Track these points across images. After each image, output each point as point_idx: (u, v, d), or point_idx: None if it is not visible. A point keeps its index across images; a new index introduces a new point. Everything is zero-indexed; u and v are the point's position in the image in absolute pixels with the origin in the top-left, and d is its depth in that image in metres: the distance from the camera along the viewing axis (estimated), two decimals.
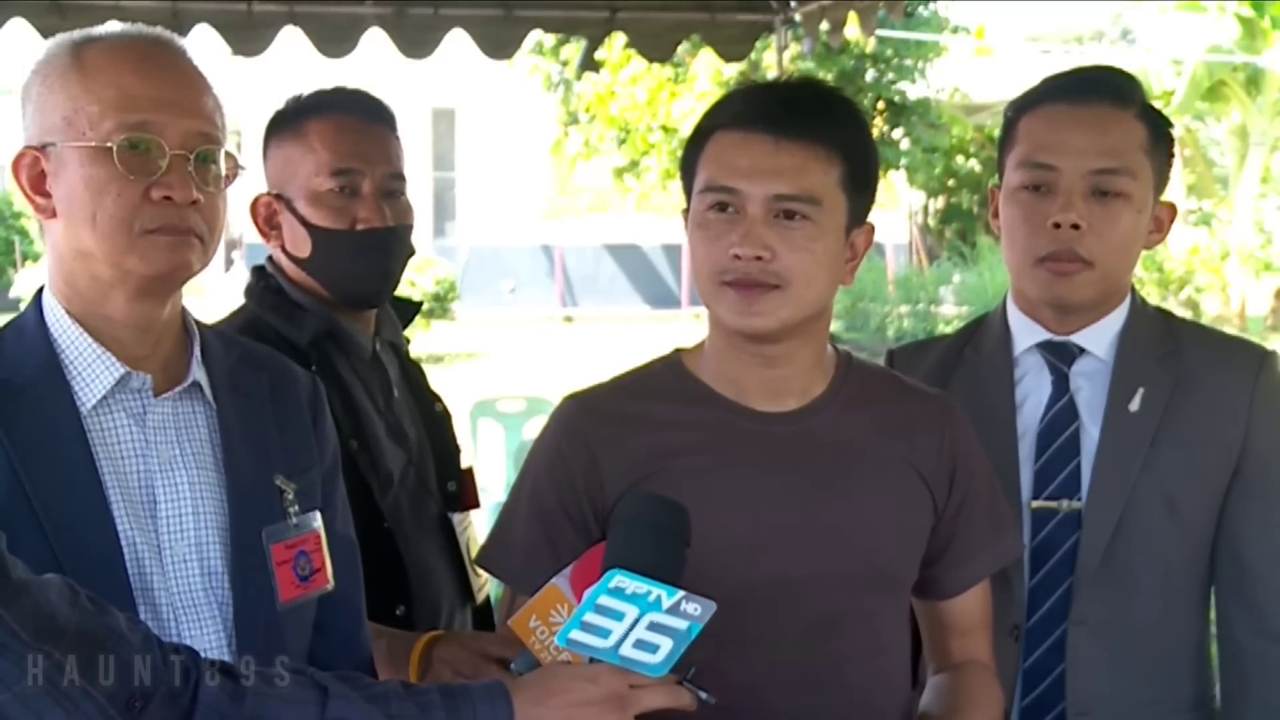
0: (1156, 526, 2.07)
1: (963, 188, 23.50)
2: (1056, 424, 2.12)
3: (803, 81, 1.87)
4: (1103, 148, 2.06)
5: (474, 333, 18.46)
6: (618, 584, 1.51)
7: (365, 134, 2.31)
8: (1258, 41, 18.96)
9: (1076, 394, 2.13)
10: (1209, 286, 19.52)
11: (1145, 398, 2.09)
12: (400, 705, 1.48)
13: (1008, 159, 2.14)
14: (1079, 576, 2.06)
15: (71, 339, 1.64)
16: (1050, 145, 2.07)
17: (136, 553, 1.60)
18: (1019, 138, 2.12)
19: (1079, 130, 2.07)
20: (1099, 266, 2.07)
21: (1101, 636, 2.06)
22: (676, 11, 5.18)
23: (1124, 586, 2.06)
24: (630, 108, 19.72)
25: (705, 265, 1.77)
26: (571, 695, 1.48)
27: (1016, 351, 2.17)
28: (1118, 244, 2.07)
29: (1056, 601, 2.08)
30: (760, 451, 1.81)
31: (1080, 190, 2.05)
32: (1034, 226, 2.07)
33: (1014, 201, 2.11)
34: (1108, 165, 2.05)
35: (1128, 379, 2.11)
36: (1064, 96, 2.10)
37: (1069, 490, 2.09)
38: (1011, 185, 2.12)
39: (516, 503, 1.89)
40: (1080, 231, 2.04)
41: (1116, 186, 2.05)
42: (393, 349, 2.44)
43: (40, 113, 1.62)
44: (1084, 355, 2.14)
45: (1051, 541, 2.09)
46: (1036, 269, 2.09)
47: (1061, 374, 2.14)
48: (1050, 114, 2.10)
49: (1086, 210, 2.04)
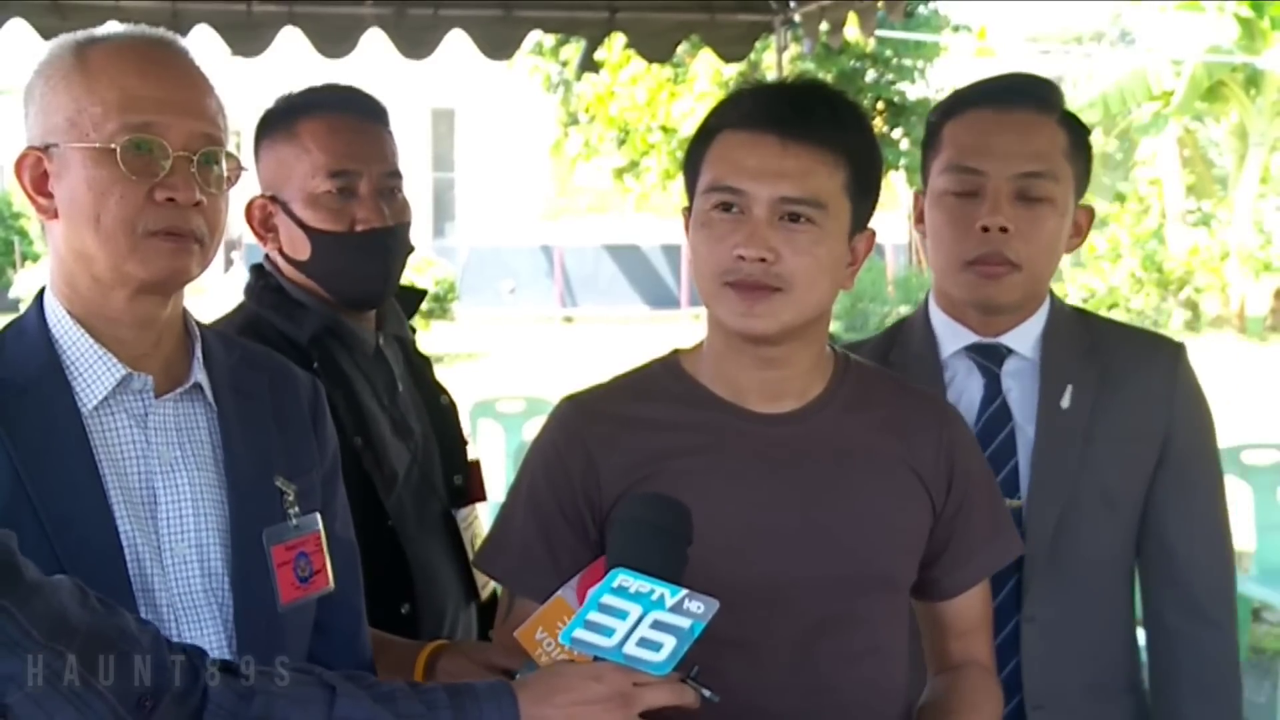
0: (1096, 521, 2.12)
1: None
2: (992, 425, 2.15)
3: (811, 84, 1.87)
4: (1028, 152, 2.09)
5: (473, 333, 18.46)
6: (621, 583, 1.52)
7: (360, 133, 2.28)
8: (1257, 42, 18.98)
9: (1007, 394, 2.17)
10: (1208, 287, 19.54)
11: (1075, 395, 2.13)
12: (407, 704, 1.48)
13: (933, 164, 2.17)
14: (1028, 574, 2.10)
15: (73, 340, 1.64)
16: (977, 149, 2.10)
17: (137, 553, 1.60)
18: (944, 143, 2.15)
19: (1005, 135, 2.10)
20: (1026, 269, 2.10)
21: (1051, 631, 2.11)
22: (676, 12, 5.19)
23: (1069, 581, 2.11)
24: (630, 108, 19.72)
25: (708, 265, 1.77)
26: (576, 694, 1.48)
27: (943, 355, 2.20)
28: (1043, 247, 2.11)
29: (1005, 598, 2.10)
30: (758, 453, 1.81)
31: (1007, 194, 2.08)
32: (961, 230, 2.10)
33: (940, 206, 2.14)
34: (1033, 169, 2.09)
35: (1056, 377, 2.15)
36: (989, 102, 2.13)
37: (1009, 490, 2.11)
38: (938, 189, 2.14)
39: (514, 504, 1.89)
40: (1008, 235, 2.08)
41: (1041, 191, 2.09)
42: (398, 342, 2.43)
43: (43, 113, 1.62)
44: (1011, 355, 2.18)
45: None
46: (964, 272, 2.12)
47: (993, 375, 2.17)
48: (976, 119, 2.13)
49: (1013, 213, 2.08)
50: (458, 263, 20.75)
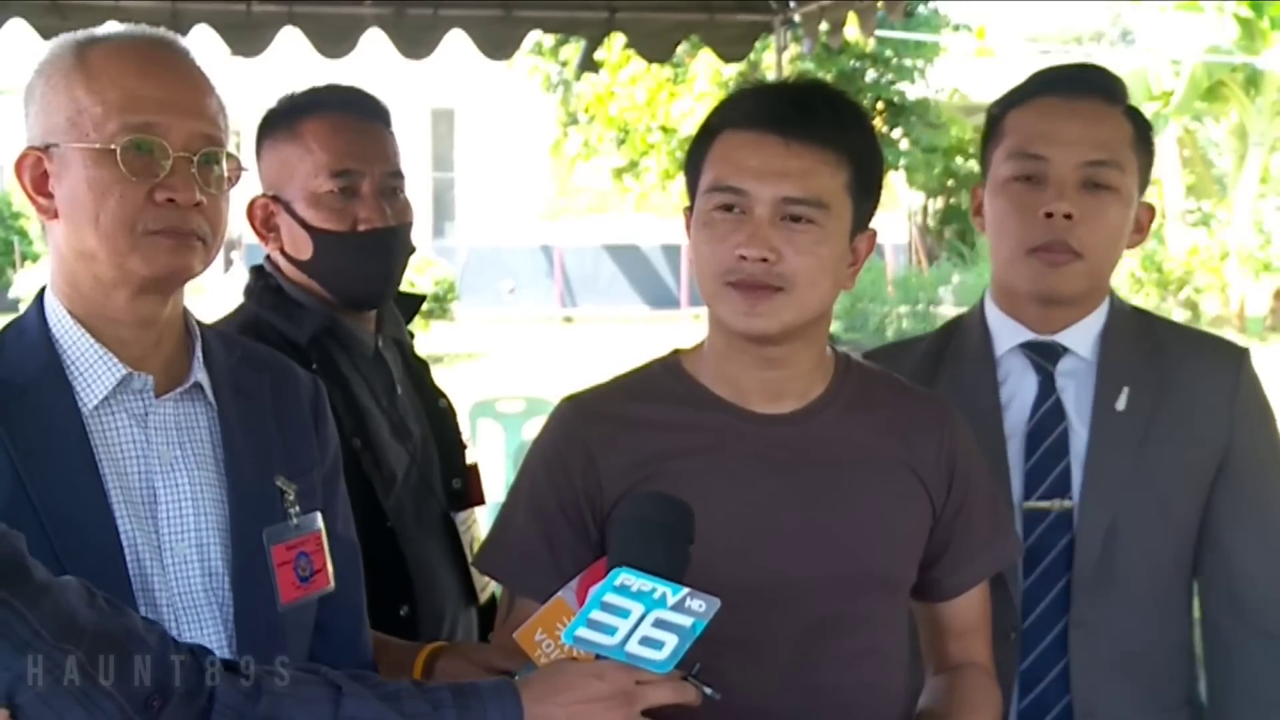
0: (1150, 527, 2.08)
1: (962, 188, 23.47)
2: (1044, 424, 2.12)
3: (813, 84, 1.87)
4: (1095, 140, 2.06)
5: (473, 333, 18.45)
6: (623, 581, 1.52)
7: (362, 133, 2.29)
8: (1256, 42, 18.98)
9: (1062, 393, 2.13)
10: (1208, 287, 19.53)
11: (1131, 397, 2.09)
12: (412, 703, 1.49)
13: (994, 154, 2.14)
14: (1076, 579, 2.06)
15: (73, 339, 1.64)
16: (1043, 136, 2.07)
17: (137, 553, 1.60)
18: (1007, 131, 2.12)
19: (1072, 121, 2.07)
20: (1089, 258, 2.07)
21: (1102, 637, 2.06)
22: (676, 12, 5.18)
23: (1121, 587, 2.07)
24: (629, 108, 19.72)
25: (709, 265, 1.77)
26: (578, 692, 1.49)
27: (998, 352, 2.17)
28: (1107, 237, 2.08)
29: (1052, 602, 2.08)
30: (758, 454, 1.81)
31: (1072, 181, 2.05)
32: (1026, 217, 2.07)
33: (1004, 193, 2.10)
34: (1100, 157, 2.06)
35: (1113, 378, 2.11)
36: (1056, 90, 2.11)
37: (1059, 490, 2.09)
38: (1001, 177, 2.11)
39: (514, 505, 1.89)
40: (1072, 222, 2.04)
41: (1107, 179, 2.06)
42: (396, 345, 2.43)
43: (44, 113, 1.62)
44: (1067, 354, 2.14)
45: (1045, 542, 2.09)
46: (1027, 260, 2.08)
47: (1047, 374, 2.14)
48: (1041, 106, 2.10)
49: (1079, 201, 2.05)
50: (457, 263, 20.74)
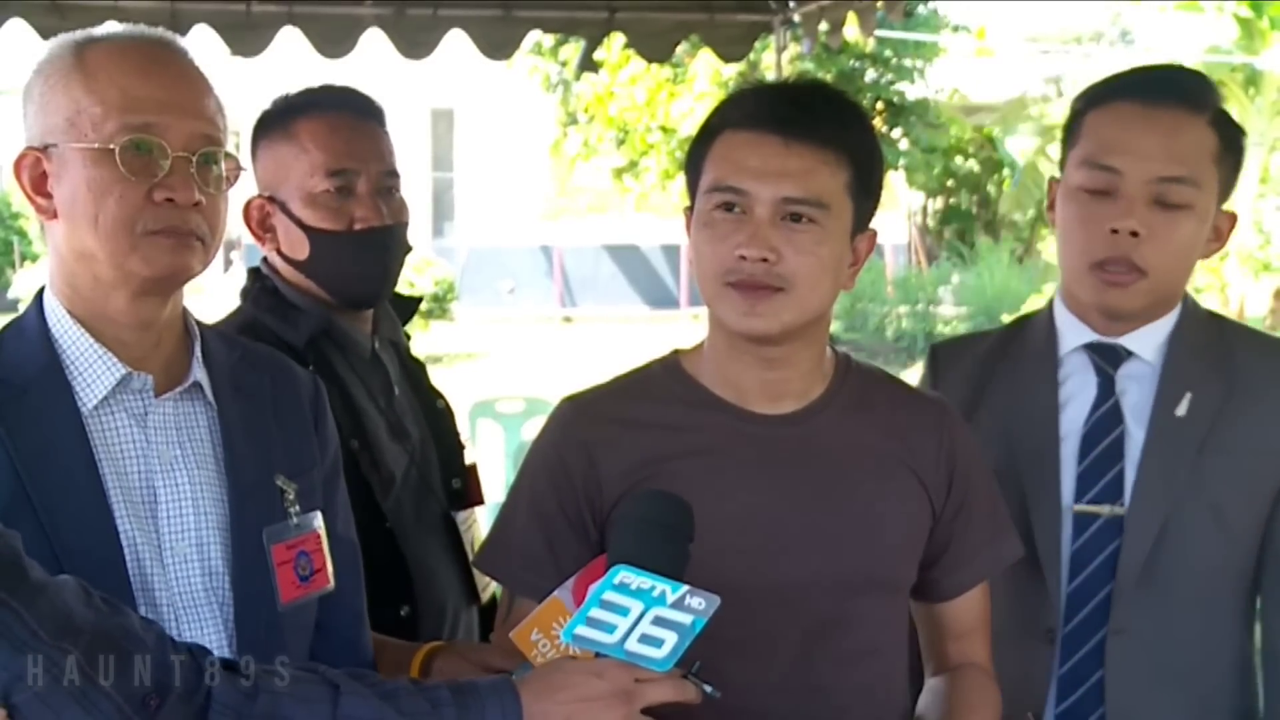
0: (1201, 535, 2.03)
1: (962, 188, 23.50)
2: (1101, 427, 2.08)
3: (813, 84, 1.87)
4: (1171, 154, 1.99)
5: (473, 333, 18.44)
6: (622, 580, 1.52)
7: (358, 132, 2.29)
8: (1256, 42, 18.97)
9: (1122, 397, 2.09)
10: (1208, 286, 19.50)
11: (1193, 402, 2.04)
12: (411, 702, 1.48)
13: (1071, 154, 2.08)
14: (1119, 584, 2.02)
15: (73, 339, 1.64)
16: (1116, 146, 2.01)
17: (137, 553, 1.60)
18: (1084, 133, 2.06)
19: (1148, 132, 2.00)
20: (1153, 276, 2.01)
21: (1142, 646, 2.02)
22: (675, 12, 5.18)
23: (1165, 596, 2.02)
24: (629, 108, 19.71)
25: (710, 265, 1.77)
26: (577, 690, 1.48)
27: (1062, 351, 2.13)
28: (1175, 254, 2.02)
29: (1095, 608, 2.04)
30: (758, 454, 1.81)
31: (1143, 197, 1.99)
32: (1091, 230, 2.02)
33: (1073, 201, 2.05)
34: (1174, 174, 1.99)
35: (1176, 383, 2.06)
36: (1136, 94, 2.03)
37: (1112, 495, 2.05)
38: (1072, 184, 2.06)
39: (514, 505, 1.89)
40: (1138, 239, 1.98)
41: (1180, 197, 1.99)
42: (393, 347, 2.43)
43: (42, 113, 1.62)
44: (1131, 358, 2.10)
45: (1092, 546, 2.05)
46: (1089, 274, 2.04)
47: (1107, 376, 2.10)
48: (1119, 112, 2.03)
49: (1147, 217, 1.98)
50: (457, 263, 20.73)
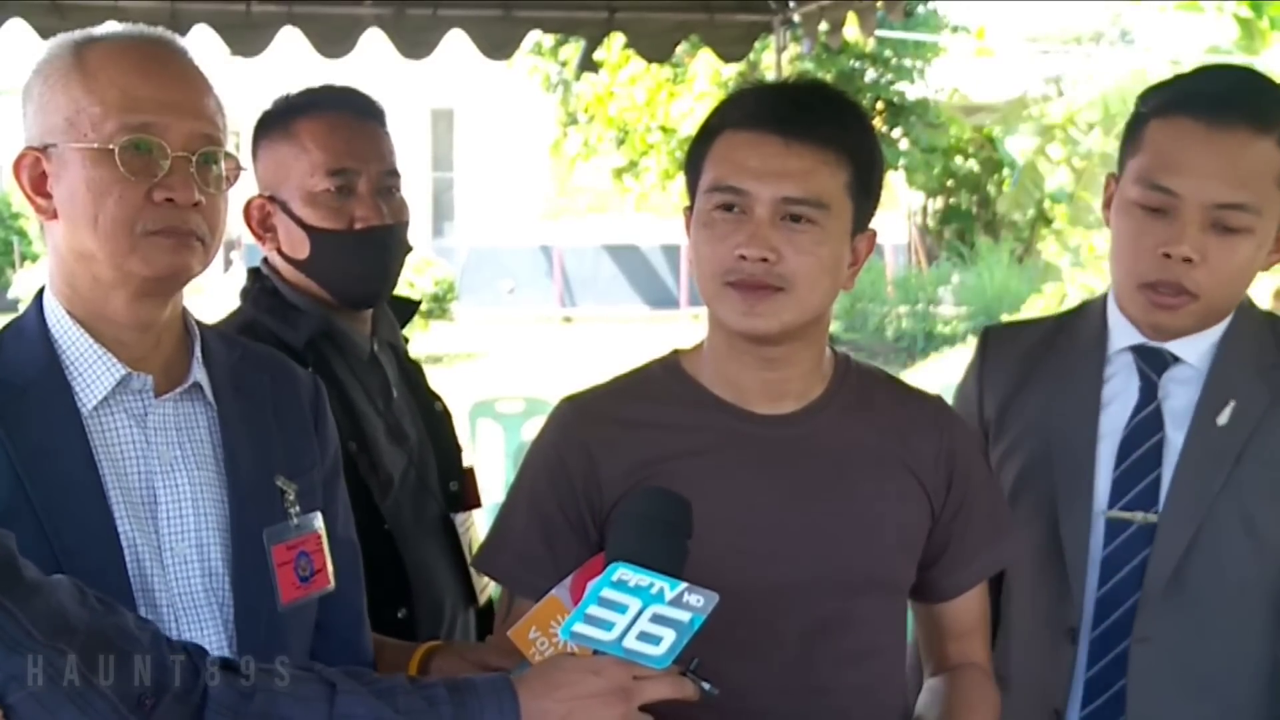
0: (1232, 546, 2.00)
1: (962, 188, 23.48)
2: (1140, 432, 2.04)
3: (813, 84, 1.87)
4: (1231, 179, 1.92)
5: (473, 333, 18.44)
6: (620, 577, 1.51)
7: (358, 132, 2.29)
8: (1256, 42, 18.95)
9: (1164, 401, 2.05)
10: None
11: (1236, 411, 2.00)
12: (408, 699, 1.48)
13: (1130, 162, 2.01)
14: (1146, 592, 2.00)
15: (72, 340, 1.64)
16: (1175, 166, 1.94)
17: (137, 553, 1.60)
18: (1145, 143, 1.99)
19: (1209, 155, 1.92)
20: (1205, 299, 1.97)
21: (1166, 655, 1.99)
22: (675, 12, 5.18)
23: (1193, 605, 1.99)
24: (629, 108, 19.71)
25: (709, 265, 1.77)
26: (576, 687, 1.48)
27: (1111, 349, 2.09)
28: (1229, 277, 1.97)
29: (1124, 614, 2.02)
30: (758, 454, 1.81)
31: (1198, 222, 1.92)
32: (1142, 250, 1.97)
33: (1128, 215, 1.99)
34: (1233, 200, 1.92)
35: (1220, 390, 2.02)
36: (1199, 111, 1.94)
37: (1146, 502, 2.02)
38: (1128, 198, 1.99)
39: (514, 505, 1.89)
40: (1191, 264, 1.93)
41: (1239, 223, 1.93)
42: (391, 349, 2.43)
43: (42, 113, 1.62)
44: (1178, 363, 2.06)
45: (1124, 553, 2.02)
46: (1138, 293, 2.00)
47: (1150, 381, 2.06)
48: (1180, 129, 1.95)
49: (1202, 242, 1.93)
50: (457, 263, 20.72)
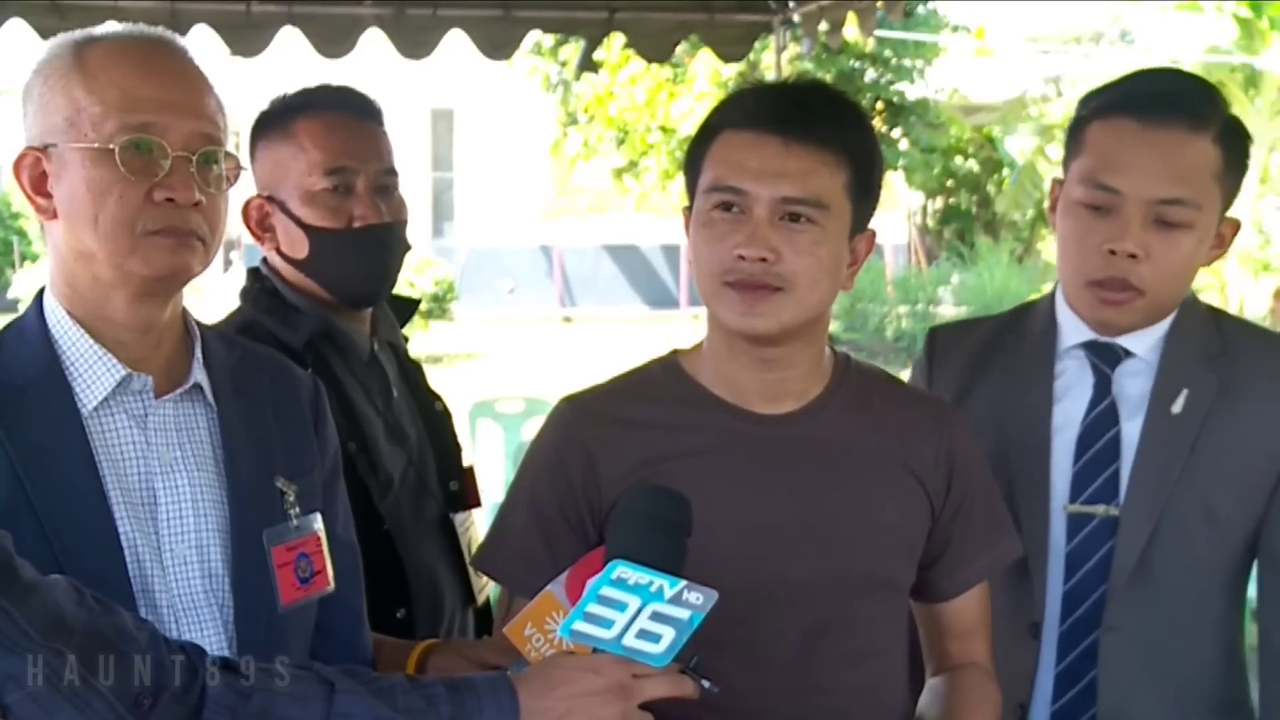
0: (1193, 533, 2.03)
1: (961, 188, 23.50)
2: (1096, 426, 2.07)
3: (813, 84, 1.87)
4: (1170, 175, 1.96)
5: (473, 333, 18.44)
6: (620, 575, 1.51)
7: (356, 131, 2.29)
8: (1256, 42, 18.96)
9: (1119, 395, 2.08)
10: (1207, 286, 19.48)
11: (1189, 399, 2.04)
12: (406, 698, 1.48)
13: (1073, 164, 2.06)
14: (1112, 583, 2.03)
15: (73, 340, 1.64)
16: (1115, 166, 1.99)
17: (137, 554, 1.60)
18: (1086, 145, 2.04)
19: (1147, 154, 1.97)
20: (1151, 294, 2.01)
21: (1134, 643, 2.03)
22: (675, 12, 5.18)
23: (1158, 593, 2.02)
24: (629, 108, 19.72)
25: (708, 265, 1.77)
26: (575, 686, 1.48)
27: (1061, 347, 2.13)
28: (1173, 272, 2.01)
29: (1090, 607, 2.05)
30: (758, 454, 1.81)
31: (1140, 218, 1.97)
32: (1088, 248, 2.01)
33: (1073, 215, 2.04)
34: (1173, 195, 1.96)
35: (1172, 380, 2.05)
36: (1136, 111, 1.99)
37: (1107, 495, 2.05)
38: (1072, 198, 2.04)
39: (513, 505, 1.89)
40: (1136, 260, 1.98)
41: (1180, 218, 1.97)
42: (391, 349, 2.43)
43: (42, 113, 1.62)
44: (1129, 356, 2.09)
45: (1087, 546, 2.05)
46: (1085, 291, 2.04)
47: (1104, 375, 2.09)
48: (1119, 129, 2.00)
49: (1145, 238, 1.97)
50: (457, 263, 20.72)
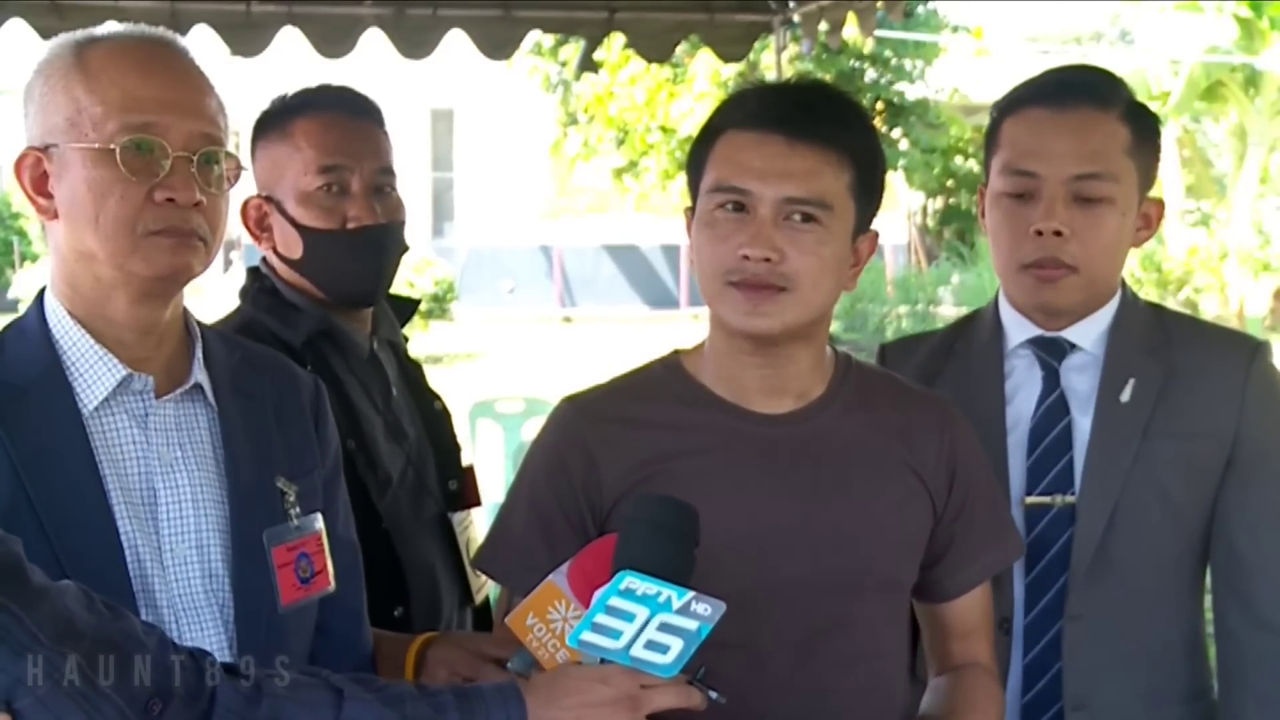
0: (1149, 519, 2.07)
1: (961, 188, 23.49)
2: (1048, 419, 2.12)
3: (816, 84, 1.87)
4: (1083, 152, 2.05)
5: (473, 333, 18.44)
6: (628, 585, 1.51)
7: (352, 130, 2.28)
8: (1256, 42, 18.95)
9: (1068, 388, 2.13)
10: (1207, 287, 19.52)
11: (1136, 389, 2.09)
12: (415, 707, 1.48)
13: (992, 162, 2.14)
14: (1073, 572, 2.07)
15: (73, 340, 1.64)
16: (1031, 151, 2.07)
17: (137, 555, 1.60)
18: (1002, 141, 2.12)
19: (1059, 135, 2.06)
20: (1084, 271, 2.07)
21: (1096, 630, 2.06)
22: (675, 12, 5.18)
23: (1118, 580, 2.07)
24: (629, 108, 19.71)
25: (711, 265, 1.77)
26: (584, 696, 1.48)
27: (1008, 347, 2.18)
28: (1101, 248, 2.08)
29: (1053, 597, 2.08)
30: (759, 454, 1.81)
31: (1062, 196, 2.05)
32: (1017, 234, 2.08)
33: (997, 207, 2.12)
34: (1088, 170, 2.05)
35: (1118, 370, 2.11)
36: (1044, 100, 2.09)
37: (1062, 485, 2.09)
38: (995, 191, 2.12)
39: (514, 505, 1.89)
40: (1063, 238, 2.05)
41: (1098, 191, 2.05)
42: (391, 348, 2.43)
43: (43, 113, 1.62)
44: (1075, 350, 2.15)
45: (1046, 537, 2.09)
46: (1021, 275, 2.10)
47: (1052, 369, 2.14)
48: (1030, 118, 2.09)
49: (1069, 216, 2.04)
50: (457, 263, 20.72)
